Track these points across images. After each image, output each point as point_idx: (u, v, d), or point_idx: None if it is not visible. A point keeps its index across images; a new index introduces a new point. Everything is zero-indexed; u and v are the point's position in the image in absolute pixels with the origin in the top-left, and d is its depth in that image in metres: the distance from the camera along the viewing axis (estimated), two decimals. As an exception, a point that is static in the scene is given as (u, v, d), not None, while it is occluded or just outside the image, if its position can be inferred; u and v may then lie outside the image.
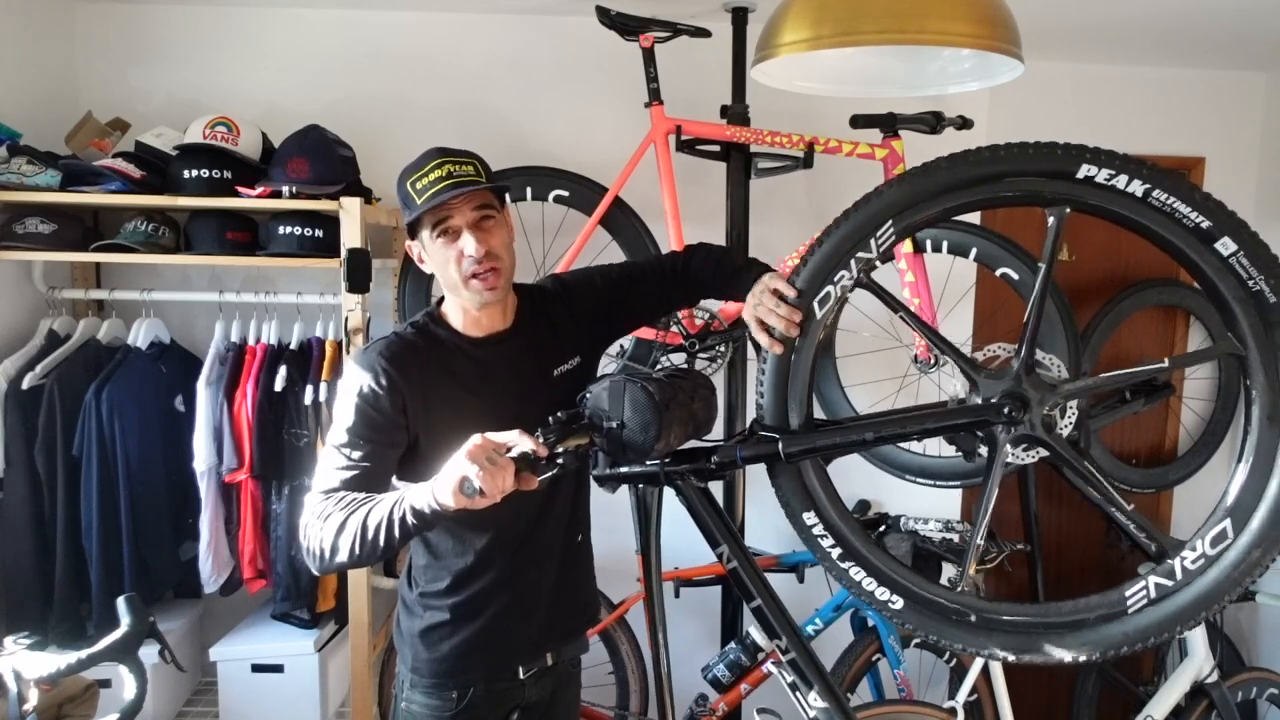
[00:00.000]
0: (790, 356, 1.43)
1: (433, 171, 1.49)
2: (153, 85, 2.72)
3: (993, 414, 1.36)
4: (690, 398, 1.47)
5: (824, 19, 1.65)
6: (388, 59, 2.76)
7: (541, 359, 1.60)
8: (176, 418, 2.50)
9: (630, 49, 2.41)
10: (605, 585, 2.65)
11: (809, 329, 1.42)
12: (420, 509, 1.27)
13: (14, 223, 2.34)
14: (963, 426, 1.42)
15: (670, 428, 1.38)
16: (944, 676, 2.74)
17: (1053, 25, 2.67)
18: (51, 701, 1.68)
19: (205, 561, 2.45)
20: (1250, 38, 2.84)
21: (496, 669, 1.62)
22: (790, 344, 1.42)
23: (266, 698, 2.46)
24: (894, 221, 1.37)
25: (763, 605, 1.48)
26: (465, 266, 1.48)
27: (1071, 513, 3.40)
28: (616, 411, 1.35)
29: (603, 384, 1.39)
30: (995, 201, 1.38)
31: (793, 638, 1.47)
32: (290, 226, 2.37)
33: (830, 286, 1.41)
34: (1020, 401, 1.35)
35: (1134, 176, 1.29)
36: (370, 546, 1.31)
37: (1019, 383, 1.36)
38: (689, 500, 1.50)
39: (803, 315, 1.40)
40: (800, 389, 1.43)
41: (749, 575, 1.49)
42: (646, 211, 2.51)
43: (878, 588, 1.42)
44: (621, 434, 1.35)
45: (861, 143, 2.30)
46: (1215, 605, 1.28)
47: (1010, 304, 2.65)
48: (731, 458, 1.47)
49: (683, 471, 1.49)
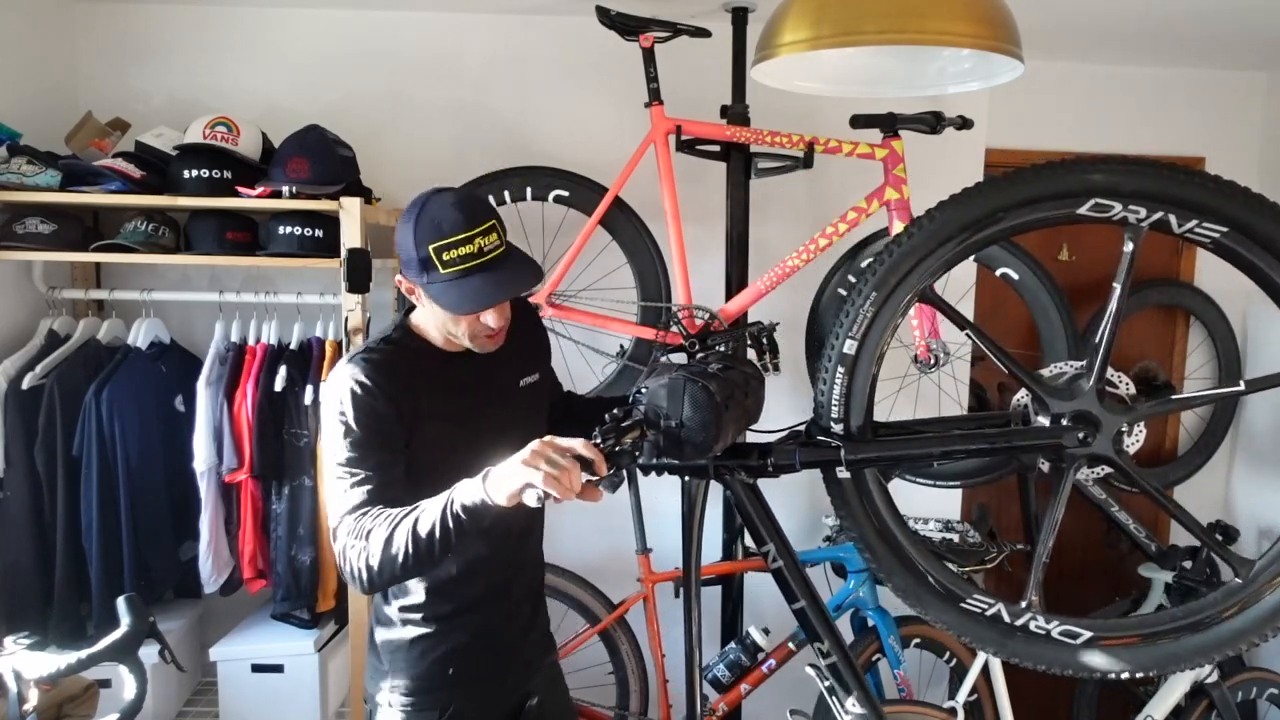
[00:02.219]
0: (857, 355, 1.40)
1: (463, 246, 1.41)
2: (153, 85, 2.72)
3: (1068, 438, 1.34)
4: (744, 393, 1.44)
5: (824, 19, 1.65)
6: (388, 59, 2.76)
7: (511, 369, 1.63)
8: (176, 418, 2.50)
9: (630, 49, 2.41)
10: (605, 585, 2.67)
11: (862, 379, 1.40)
12: (472, 506, 1.24)
13: (14, 223, 2.34)
14: (1035, 448, 1.40)
15: (729, 426, 1.35)
16: (944, 676, 2.74)
17: (1053, 25, 2.67)
18: (51, 701, 1.68)
19: (205, 561, 2.45)
20: (1250, 38, 2.84)
21: (481, 684, 1.60)
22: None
23: (266, 698, 2.46)
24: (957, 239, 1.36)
25: (806, 607, 1.44)
26: (479, 329, 1.49)
27: (1071, 513, 3.36)
28: (675, 410, 1.31)
29: (659, 381, 1.34)
30: (1058, 220, 1.35)
31: (835, 642, 1.44)
32: (290, 226, 2.37)
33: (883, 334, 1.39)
34: (1093, 424, 1.34)
35: None
36: (425, 553, 1.28)
37: (1091, 403, 1.34)
38: (737, 496, 1.47)
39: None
40: (863, 389, 1.40)
41: (794, 576, 1.46)
42: (646, 211, 2.51)
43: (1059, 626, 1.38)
44: (680, 433, 1.31)
45: (861, 143, 2.30)
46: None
47: (1009, 304, 2.65)
48: (790, 461, 1.43)
49: (733, 467, 1.45)
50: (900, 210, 2.27)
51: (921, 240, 1.37)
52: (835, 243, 2.36)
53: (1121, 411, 1.35)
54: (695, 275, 2.44)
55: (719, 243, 2.60)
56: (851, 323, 1.40)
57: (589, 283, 2.58)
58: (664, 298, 2.50)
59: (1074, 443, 1.34)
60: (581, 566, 2.68)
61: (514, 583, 1.64)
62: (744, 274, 2.58)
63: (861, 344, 1.41)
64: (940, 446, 1.44)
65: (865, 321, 1.40)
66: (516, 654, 1.65)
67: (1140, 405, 1.38)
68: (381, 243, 2.75)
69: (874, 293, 1.39)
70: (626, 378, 2.53)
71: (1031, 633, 1.39)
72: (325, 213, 2.35)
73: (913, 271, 1.38)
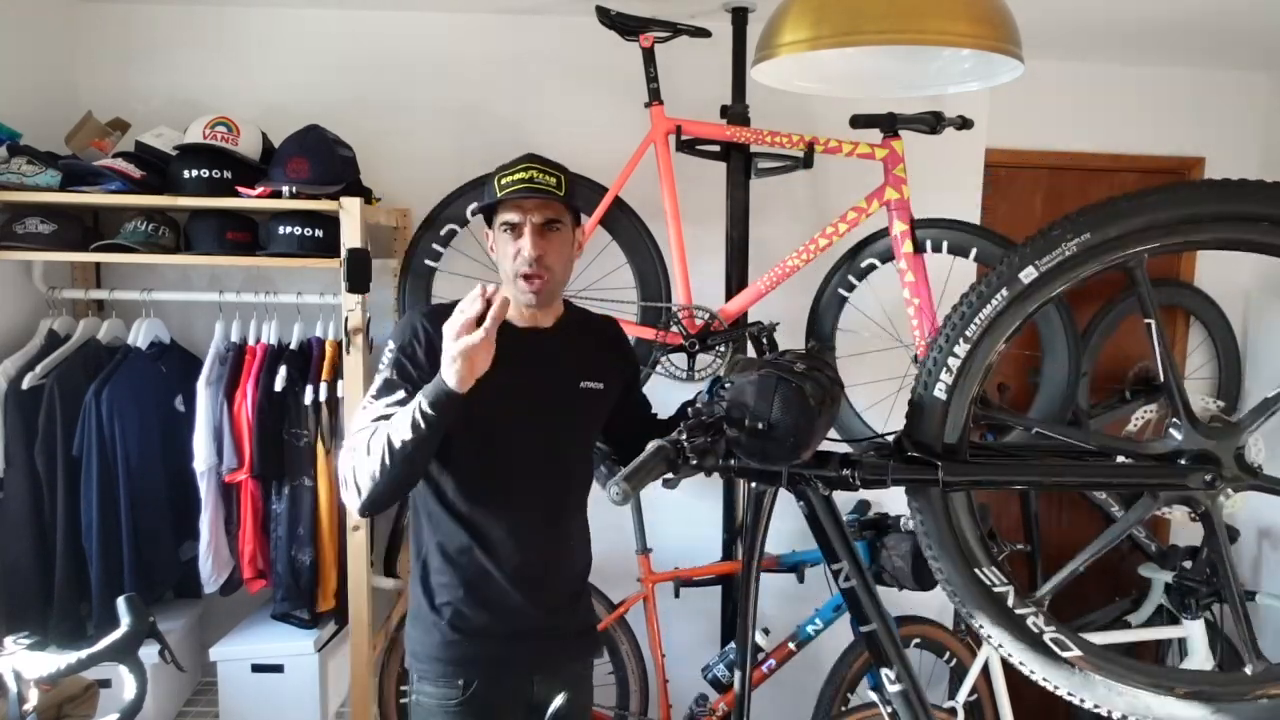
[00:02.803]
0: (969, 362, 1.29)
1: (519, 172, 1.59)
2: (153, 85, 2.72)
3: (1193, 480, 1.27)
4: (832, 399, 1.34)
5: (824, 19, 1.65)
6: (388, 59, 2.76)
7: (572, 366, 1.69)
8: (176, 418, 2.50)
9: (630, 49, 2.41)
10: (605, 585, 2.67)
11: (964, 392, 1.30)
12: (436, 398, 1.38)
13: (14, 223, 2.34)
14: (1157, 487, 1.31)
15: (819, 431, 1.26)
16: (944, 676, 2.74)
17: (1053, 25, 2.67)
18: (51, 701, 1.68)
19: (205, 561, 2.45)
20: (1250, 38, 2.84)
21: (503, 661, 1.63)
22: None
23: (266, 698, 2.46)
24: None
25: (878, 631, 1.36)
26: (518, 264, 1.58)
27: (1072, 513, 3.40)
28: (763, 410, 1.20)
29: (748, 377, 1.23)
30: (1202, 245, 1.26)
31: (904, 669, 1.36)
32: (290, 226, 2.37)
33: (997, 349, 1.30)
34: (1211, 460, 1.27)
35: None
36: (399, 455, 1.41)
37: (1226, 453, 1.27)
38: (811, 508, 1.36)
39: None
40: (964, 401, 1.30)
41: (867, 598, 1.36)
42: (646, 211, 2.51)
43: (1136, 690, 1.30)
44: (768, 435, 1.21)
45: (861, 143, 2.30)
46: None
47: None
48: (881, 477, 1.32)
49: (810, 476, 1.34)
50: (900, 210, 2.27)
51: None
52: (835, 243, 2.36)
53: (1246, 474, 1.28)
54: (695, 275, 2.44)
55: (719, 243, 2.60)
56: (966, 325, 1.28)
57: (589, 283, 2.58)
58: (664, 298, 2.50)
59: (1199, 485, 1.27)
60: (581, 566, 2.68)
61: (546, 571, 1.67)
62: (744, 274, 2.58)
63: (974, 348, 1.29)
64: (1052, 476, 1.35)
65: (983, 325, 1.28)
66: (547, 645, 1.68)
67: (1242, 422, 1.31)
68: (381, 243, 2.76)
69: (1004, 289, 1.27)
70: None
71: (1026, 628, 1.36)
72: (325, 213, 2.35)
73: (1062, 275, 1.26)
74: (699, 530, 2.76)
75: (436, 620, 1.63)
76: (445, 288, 2.57)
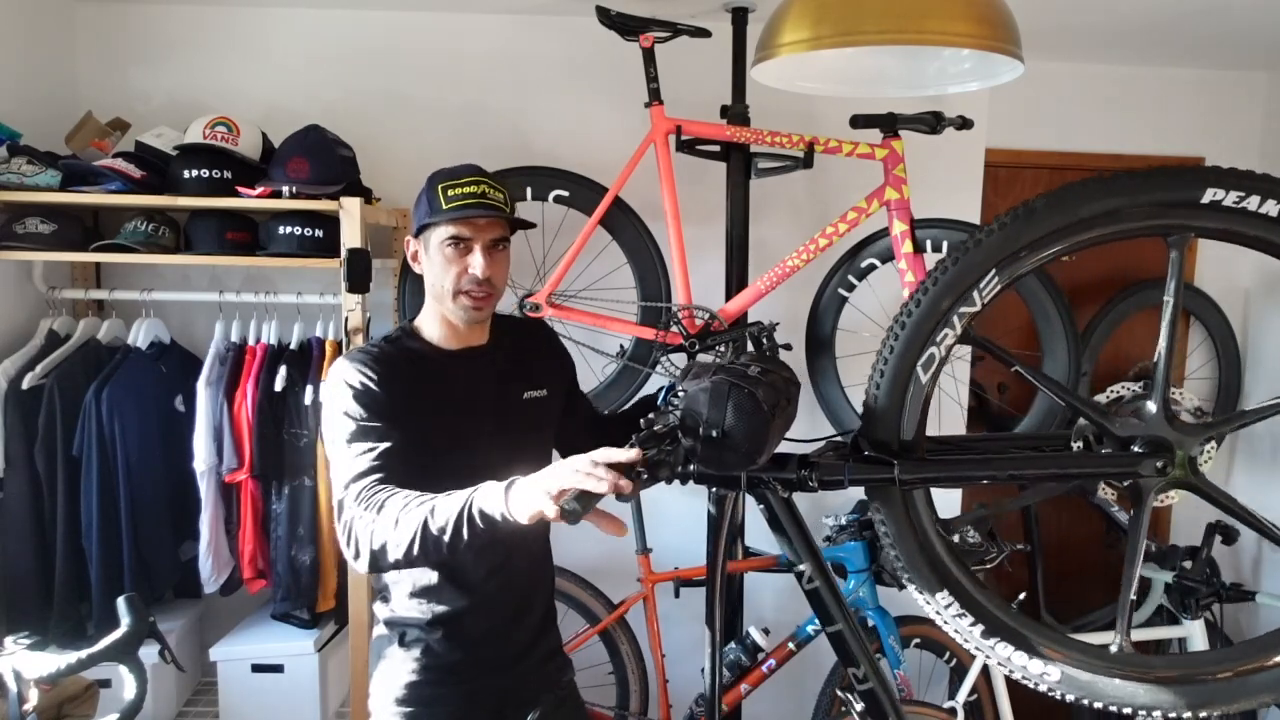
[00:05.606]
0: (915, 358, 1.30)
1: (469, 185, 1.51)
2: (153, 85, 2.72)
3: (1142, 466, 1.28)
4: (787, 399, 1.34)
5: (824, 19, 1.65)
6: (388, 59, 2.76)
7: (513, 379, 1.63)
8: (176, 418, 2.50)
9: (630, 49, 2.41)
10: (605, 585, 2.67)
11: (915, 392, 1.30)
12: (491, 514, 1.19)
13: (14, 223, 2.34)
14: (1108, 475, 1.33)
15: (775, 435, 1.26)
16: (944, 676, 2.74)
17: (1053, 25, 2.67)
18: (51, 701, 1.68)
19: (205, 561, 2.45)
20: (1250, 38, 2.84)
21: (472, 704, 1.57)
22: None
23: (266, 698, 2.46)
24: (997, 270, 1.27)
25: (844, 631, 1.37)
26: (464, 282, 1.52)
27: (1072, 513, 3.40)
28: (717, 417, 1.19)
29: (700, 384, 1.23)
30: (1110, 237, 1.27)
31: (871, 668, 1.37)
32: (290, 226, 2.37)
33: (933, 348, 1.29)
34: (1167, 449, 1.28)
35: (1268, 196, 1.20)
36: (433, 548, 1.23)
37: (1161, 428, 1.28)
38: (772, 511, 1.38)
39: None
40: (919, 397, 1.30)
41: (831, 599, 1.38)
42: (646, 211, 2.51)
43: (1031, 660, 1.31)
44: (723, 442, 1.20)
45: (861, 143, 2.30)
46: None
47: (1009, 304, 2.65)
48: (838, 478, 1.32)
49: (768, 479, 1.35)
50: (900, 210, 2.27)
51: (945, 286, 1.28)
52: (835, 243, 2.36)
53: (1195, 432, 1.28)
54: (695, 275, 2.44)
55: (719, 243, 2.60)
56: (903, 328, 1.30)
57: (589, 283, 2.58)
58: (664, 298, 2.50)
59: (1151, 471, 1.28)
60: (581, 566, 2.69)
61: (525, 600, 1.63)
62: (744, 274, 2.58)
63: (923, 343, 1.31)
64: (1007, 470, 1.35)
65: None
66: (520, 671, 1.62)
67: (1211, 424, 1.33)
68: (381, 243, 2.76)
69: (922, 298, 1.30)
70: (626, 378, 2.53)
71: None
72: (325, 213, 2.35)
73: (943, 322, 1.28)
74: (699, 530, 2.76)
75: (404, 657, 1.55)
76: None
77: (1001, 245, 1.26)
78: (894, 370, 1.31)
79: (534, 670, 1.65)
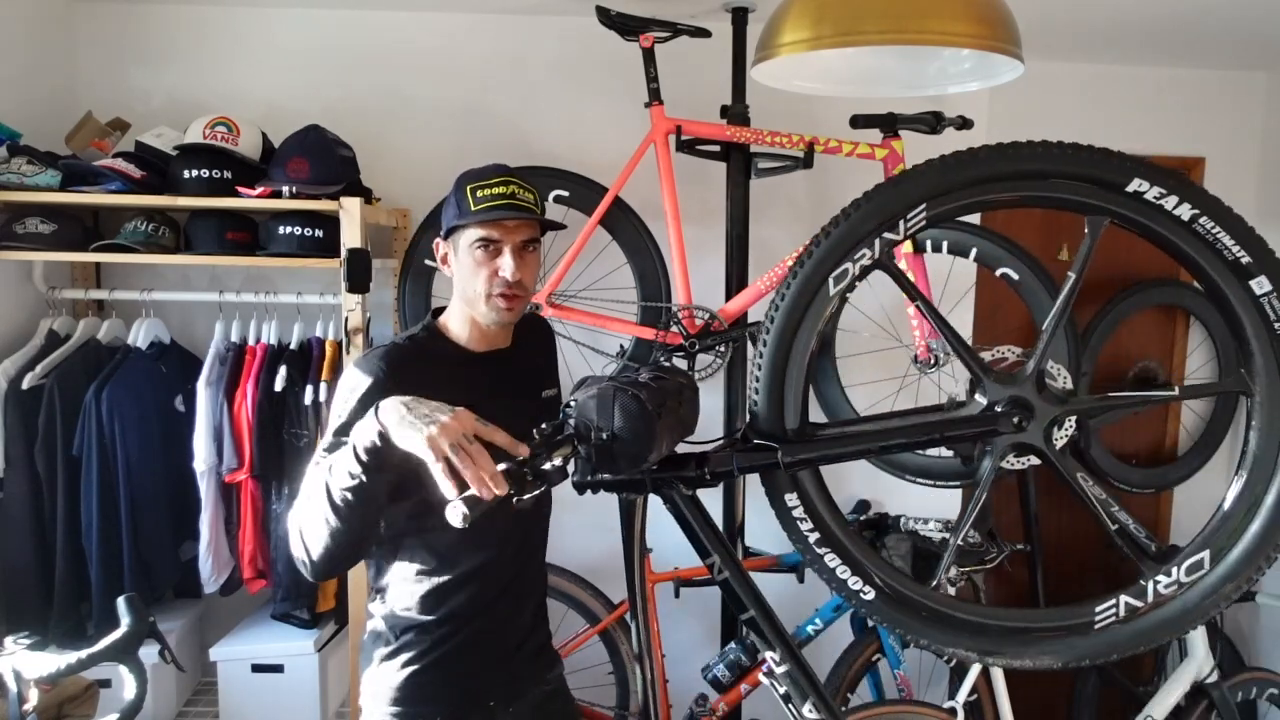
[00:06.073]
0: (787, 353, 1.37)
1: (498, 186, 1.50)
2: (153, 85, 2.72)
3: (1003, 424, 1.32)
4: (678, 402, 1.41)
5: (824, 19, 1.65)
6: (388, 59, 2.76)
7: (534, 379, 1.65)
8: (176, 418, 2.50)
9: (630, 49, 2.41)
10: (605, 585, 2.67)
11: (813, 310, 1.35)
12: (370, 445, 1.21)
13: (14, 223, 2.34)
14: (973, 436, 1.38)
15: (662, 436, 1.32)
16: (944, 676, 2.74)
17: (1053, 25, 2.67)
18: (51, 701, 1.68)
19: (205, 561, 2.45)
20: (1250, 38, 2.84)
21: (465, 701, 1.57)
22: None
23: (266, 698, 2.46)
24: (928, 205, 1.31)
25: (756, 617, 1.43)
26: (495, 285, 1.51)
27: (1072, 513, 3.39)
28: (606, 422, 1.26)
29: (588, 392, 1.30)
30: (1034, 201, 1.33)
31: (786, 649, 1.42)
32: (290, 226, 2.37)
33: (849, 263, 1.32)
34: (1028, 411, 1.32)
35: (1185, 200, 1.25)
36: (334, 510, 1.24)
37: (1029, 391, 1.32)
38: (677, 509, 1.43)
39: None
40: (796, 388, 1.38)
41: (741, 586, 1.44)
42: (646, 211, 2.51)
43: (850, 576, 1.41)
44: (612, 446, 1.27)
45: (861, 143, 2.30)
46: (1180, 631, 1.31)
47: (1009, 304, 2.65)
48: (728, 468, 1.40)
49: (670, 479, 1.41)
50: (900, 210, 2.27)
51: (876, 207, 1.32)
52: (835, 243, 2.35)
53: (1056, 403, 1.33)
54: (695, 275, 2.44)
55: (719, 243, 2.60)
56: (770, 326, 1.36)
57: (589, 283, 2.58)
58: (664, 298, 2.50)
59: (1009, 428, 1.32)
60: (581, 566, 2.68)
61: (518, 599, 1.62)
62: (744, 274, 2.58)
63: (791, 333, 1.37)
64: (878, 441, 1.43)
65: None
66: (511, 667, 1.62)
67: (1075, 399, 1.37)
68: (381, 243, 2.76)
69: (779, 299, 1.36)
70: (626, 378, 2.53)
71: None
72: (325, 213, 2.35)
73: (865, 241, 1.33)
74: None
75: (396, 655, 1.54)
76: (445, 288, 2.55)
77: (939, 180, 1.32)
78: (772, 361, 1.37)
79: (524, 666, 1.65)
